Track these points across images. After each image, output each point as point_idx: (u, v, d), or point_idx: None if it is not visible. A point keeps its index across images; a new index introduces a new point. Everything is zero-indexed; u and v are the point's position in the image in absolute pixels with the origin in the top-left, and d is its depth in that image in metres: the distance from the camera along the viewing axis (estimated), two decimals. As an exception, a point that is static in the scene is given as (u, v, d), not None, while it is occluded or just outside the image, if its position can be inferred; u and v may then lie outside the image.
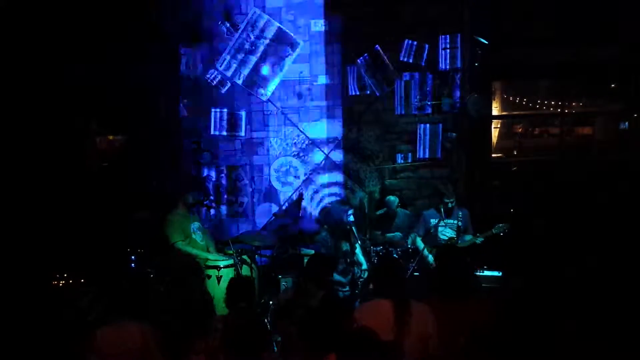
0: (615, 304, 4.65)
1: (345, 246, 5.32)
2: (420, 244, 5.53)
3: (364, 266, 5.25)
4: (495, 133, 7.91)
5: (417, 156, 6.74)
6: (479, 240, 5.42)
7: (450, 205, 5.59)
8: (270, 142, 6.76)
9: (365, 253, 5.49)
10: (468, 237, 5.54)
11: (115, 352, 3.11)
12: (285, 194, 6.81)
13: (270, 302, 4.44)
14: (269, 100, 6.67)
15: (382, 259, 4.40)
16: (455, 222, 5.55)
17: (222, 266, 5.09)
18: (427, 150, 6.72)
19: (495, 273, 5.20)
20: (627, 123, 7.66)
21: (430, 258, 5.34)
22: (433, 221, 5.62)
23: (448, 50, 6.54)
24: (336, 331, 2.83)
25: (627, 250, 5.59)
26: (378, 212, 6.21)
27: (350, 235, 5.33)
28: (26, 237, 5.49)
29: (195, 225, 5.44)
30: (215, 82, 6.61)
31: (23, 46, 5.85)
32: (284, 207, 6.76)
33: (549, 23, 6.55)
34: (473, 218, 5.76)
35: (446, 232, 5.60)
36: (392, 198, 6.04)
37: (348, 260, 5.27)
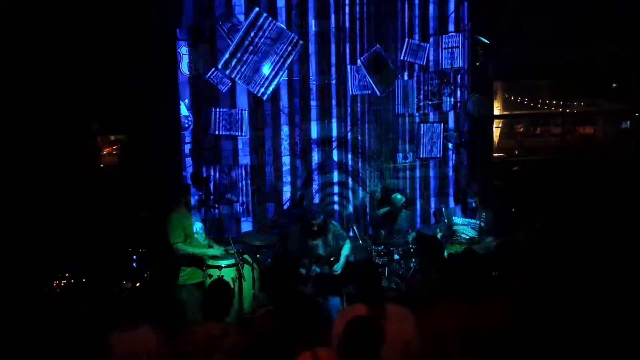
0: (615, 304, 4.63)
1: (311, 242, 5.32)
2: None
3: (336, 267, 5.19)
4: (496, 133, 7.91)
5: (418, 156, 6.73)
6: (494, 244, 5.22)
7: (473, 205, 5.54)
8: (271, 142, 6.75)
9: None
10: (489, 239, 5.40)
11: (130, 353, 3.18)
12: (286, 193, 6.80)
13: None
14: (269, 99, 6.66)
15: (358, 264, 4.32)
16: (478, 222, 5.51)
17: (223, 266, 5.08)
18: (427, 150, 6.71)
19: None
20: (628, 122, 7.66)
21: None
22: (456, 219, 5.60)
23: (449, 50, 6.53)
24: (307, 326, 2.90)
25: (627, 249, 5.57)
26: (379, 212, 6.19)
27: (324, 234, 5.32)
28: (27, 237, 5.48)
29: (198, 225, 5.42)
30: (215, 82, 6.59)
31: (24, 47, 5.85)
32: (284, 207, 6.75)
33: (550, 23, 6.55)
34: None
35: (468, 232, 5.56)
36: (398, 196, 6.00)
37: (313, 258, 5.26)
